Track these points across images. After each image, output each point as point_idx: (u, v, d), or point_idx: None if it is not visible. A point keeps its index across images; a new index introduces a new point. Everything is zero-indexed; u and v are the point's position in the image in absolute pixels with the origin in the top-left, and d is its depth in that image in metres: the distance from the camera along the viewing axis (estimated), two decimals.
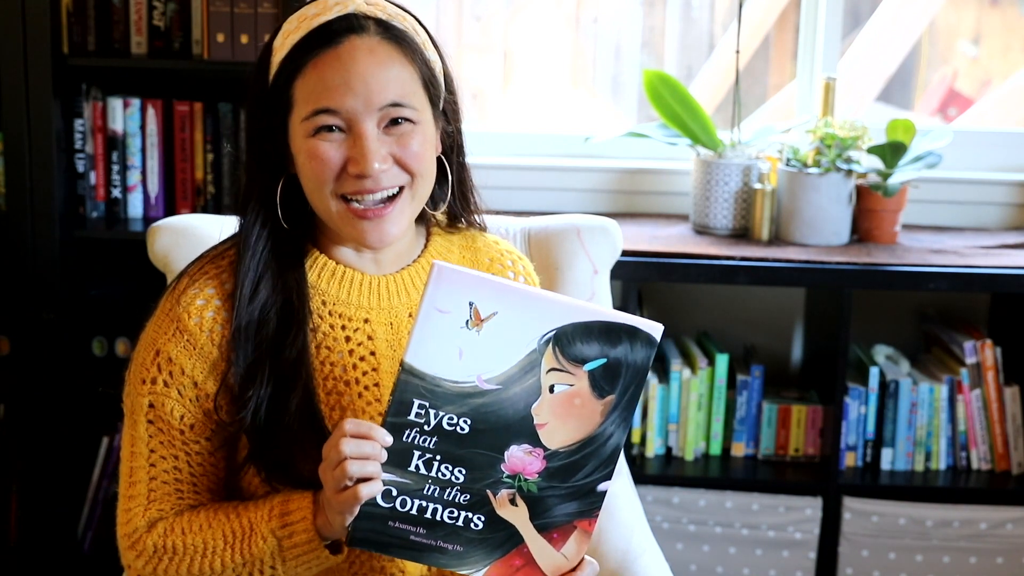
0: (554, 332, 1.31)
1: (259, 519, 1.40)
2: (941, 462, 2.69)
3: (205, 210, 2.64)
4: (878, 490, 2.63)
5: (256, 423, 1.40)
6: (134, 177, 2.65)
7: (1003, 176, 2.88)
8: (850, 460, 2.68)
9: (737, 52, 2.73)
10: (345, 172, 1.39)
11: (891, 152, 2.62)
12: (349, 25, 1.39)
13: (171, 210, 2.65)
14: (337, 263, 1.48)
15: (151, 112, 2.62)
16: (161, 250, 1.93)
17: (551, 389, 1.33)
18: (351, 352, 1.47)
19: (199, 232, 1.93)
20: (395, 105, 1.39)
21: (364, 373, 1.47)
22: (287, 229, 1.45)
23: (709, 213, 2.69)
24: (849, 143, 2.60)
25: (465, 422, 1.33)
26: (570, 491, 1.36)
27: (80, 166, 2.62)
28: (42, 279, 2.56)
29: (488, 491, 1.35)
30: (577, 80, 3.35)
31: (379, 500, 1.34)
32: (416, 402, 1.31)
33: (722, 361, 2.68)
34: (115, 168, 2.63)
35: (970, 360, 2.66)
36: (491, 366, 1.31)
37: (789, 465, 2.69)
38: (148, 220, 2.63)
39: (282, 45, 1.41)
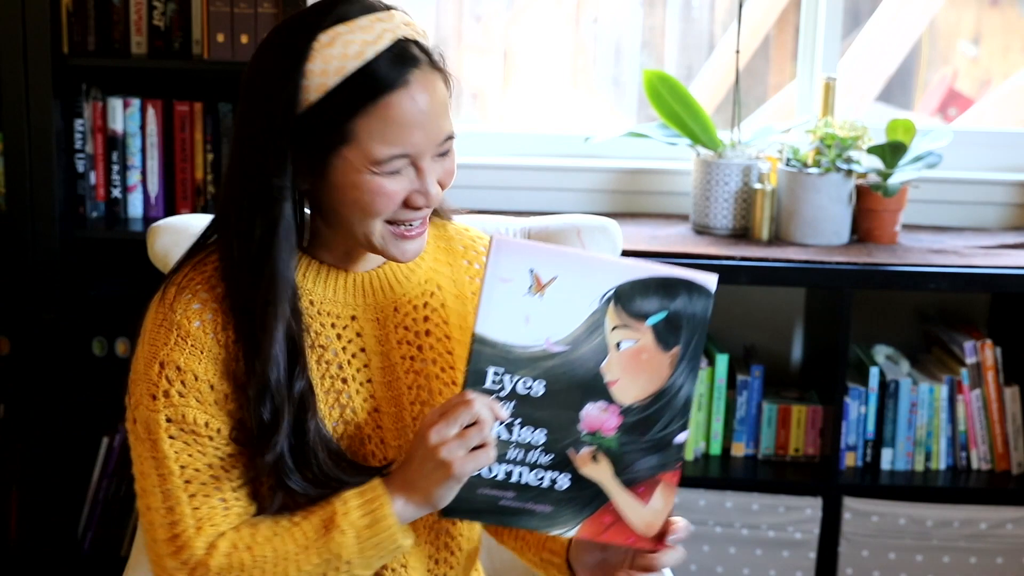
0: (613, 290, 1.36)
1: (331, 515, 1.37)
2: (941, 462, 2.69)
3: (205, 210, 2.64)
4: (878, 490, 2.63)
5: (281, 459, 1.38)
6: (134, 177, 2.65)
7: (1003, 176, 2.88)
8: (850, 460, 2.68)
9: (737, 52, 2.73)
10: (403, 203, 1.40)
11: (891, 152, 2.62)
12: (409, 58, 1.36)
13: (171, 210, 2.65)
14: (320, 263, 1.47)
15: (151, 112, 2.62)
16: (161, 250, 1.93)
17: (618, 346, 1.37)
18: (344, 349, 1.46)
19: (199, 232, 1.92)
20: (449, 137, 1.41)
21: (358, 370, 1.47)
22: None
23: (709, 213, 2.69)
24: (849, 143, 2.60)
25: (540, 385, 1.37)
26: (649, 445, 1.40)
27: (80, 166, 2.62)
28: (42, 279, 2.56)
29: (569, 450, 1.39)
30: (577, 80, 3.35)
31: None
32: (491, 370, 1.36)
33: (722, 361, 2.68)
34: (115, 168, 2.63)
35: (970, 360, 2.66)
36: (557, 329, 1.36)
37: (789, 465, 2.69)
38: (148, 220, 2.63)
39: (324, 70, 1.33)
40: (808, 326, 2.87)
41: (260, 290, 1.37)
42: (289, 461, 1.37)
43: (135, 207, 2.66)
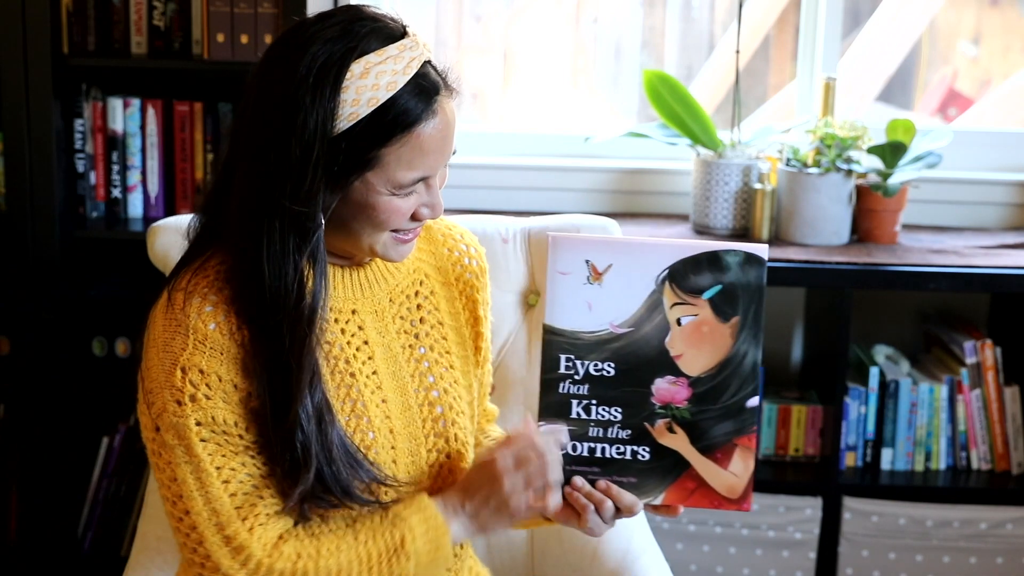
0: (667, 270, 1.45)
1: (400, 541, 1.43)
2: (941, 462, 2.69)
3: None
4: (878, 490, 2.63)
5: (308, 458, 1.40)
6: (134, 177, 2.65)
7: (1003, 176, 2.88)
8: (850, 460, 2.68)
9: (737, 52, 2.73)
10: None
11: (891, 152, 2.62)
12: (432, 86, 1.38)
13: (171, 210, 2.65)
14: None
15: (151, 112, 2.62)
16: (161, 250, 1.93)
17: (679, 322, 1.46)
18: (348, 344, 1.48)
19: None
20: (454, 152, 1.45)
21: (364, 363, 1.49)
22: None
23: (709, 213, 2.69)
24: (849, 143, 2.60)
25: (609, 366, 1.47)
26: (721, 412, 1.47)
27: (80, 166, 2.62)
28: (42, 279, 2.56)
29: (646, 424, 1.48)
30: (577, 80, 3.34)
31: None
32: (562, 357, 1.47)
33: None
34: (115, 168, 2.63)
35: (970, 360, 2.66)
36: (619, 312, 1.46)
37: (789, 465, 2.69)
38: (148, 220, 2.63)
39: (357, 100, 1.34)
40: (808, 326, 2.87)
41: (297, 322, 1.38)
42: (319, 485, 1.40)
43: (135, 207, 2.66)
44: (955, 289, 2.51)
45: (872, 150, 2.61)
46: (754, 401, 1.47)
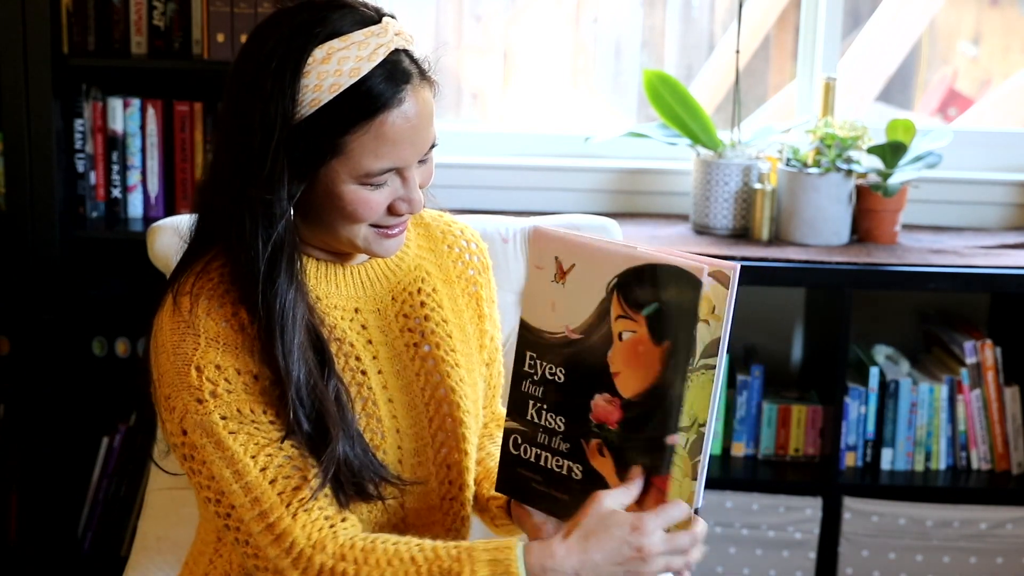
0: (616, 279, 1.34)
1: (454, 571, 1.32)
2: (941, 462, 2.69)
3: None
4: (878, 490, 2.63)
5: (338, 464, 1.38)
6: (134, 177, 2.65)
7: (1003, 176, 2.88)
8: (850, 460, 2.68)
9: (737, 52, 2.73)
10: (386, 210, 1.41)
11: (891, 152, 2.62)
12: (402, 74, 1.36)
13: (171, 210, 2.65)
14: (317, 260, 1.47)
15: (151, 112, 2.62)
16: (161, 250, 1.93)
17: (620, 336, 1.35)
18: (354, 343, 1.47)
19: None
20: (433, 145, 1.42)
21: (372, 359, 1.48)
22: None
23: (709, 213, 2.69)
24: (849, 143, 2.60)
25: (560, 371, 1.39)
26: (644, 443, 1.35)
27: (80, 166, 2.62)
28: (42, 279, 2.56)
29: (582, 440, 1.39)
30: (577, 80, 3.34)
31: (510, 447, 1.44)
32: (528, 354, 1.42)
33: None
34: (115, 168, 2.63)
35: (970, 360, 2.66)
36: (575, 316, 1.38)
37: (789, 465, 2.69)
38: (148, 220, 2.62)
39: (319, 86, 1.33)
40: (808, 326, 2.87)
41: (273, 309, 1.36)
42: (347, 469, 1.38)
43: (135, 207, 2.66)
44: (955, 289, 2.51)
45: (872, 150, 2.61)
46: (673, 439, 1.33)
